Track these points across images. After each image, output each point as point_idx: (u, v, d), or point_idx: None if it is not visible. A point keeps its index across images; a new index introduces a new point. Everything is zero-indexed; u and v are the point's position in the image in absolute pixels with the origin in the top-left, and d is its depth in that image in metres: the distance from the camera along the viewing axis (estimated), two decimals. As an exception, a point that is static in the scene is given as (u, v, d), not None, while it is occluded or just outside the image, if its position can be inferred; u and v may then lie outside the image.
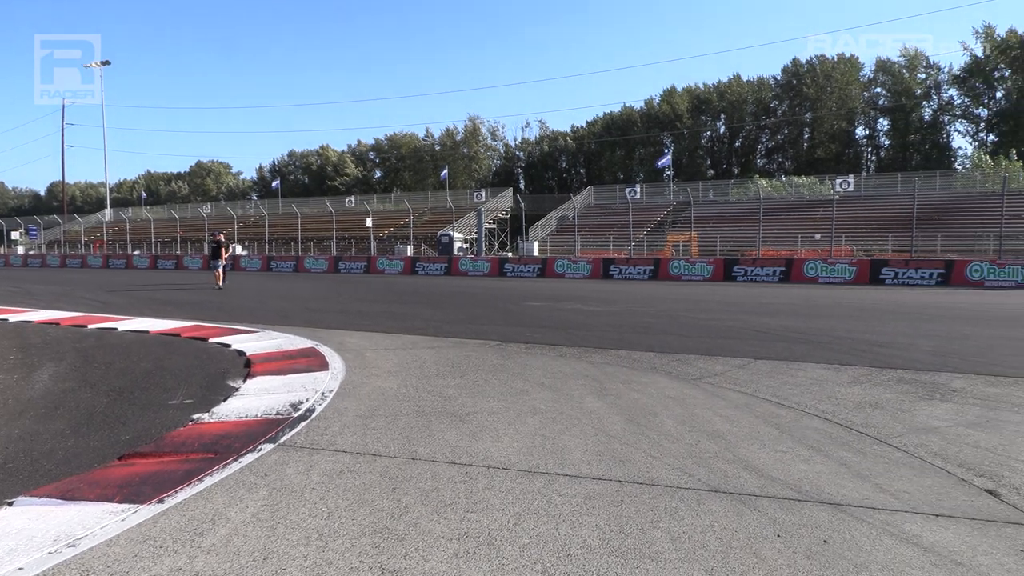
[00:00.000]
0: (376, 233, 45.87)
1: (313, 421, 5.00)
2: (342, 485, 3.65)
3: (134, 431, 4.97)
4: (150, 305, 15.61)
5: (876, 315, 13.00)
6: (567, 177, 76.26)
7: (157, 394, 6.21)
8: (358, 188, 77.40)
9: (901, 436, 4.52)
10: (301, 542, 2.93)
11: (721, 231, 36.84)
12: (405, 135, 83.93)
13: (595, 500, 3.41)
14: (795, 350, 8.35)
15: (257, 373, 6.93)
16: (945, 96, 62.17)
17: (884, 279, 25.02)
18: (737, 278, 27.63)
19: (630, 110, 73.07)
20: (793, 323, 11.34)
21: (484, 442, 4.43)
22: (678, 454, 4.16)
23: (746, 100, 67.88)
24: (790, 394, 5.84)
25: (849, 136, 66.33)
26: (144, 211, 65.48)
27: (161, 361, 7.94)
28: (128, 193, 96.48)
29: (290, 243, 49.13)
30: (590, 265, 30.93)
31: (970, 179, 43.90)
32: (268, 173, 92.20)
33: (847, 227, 34.26)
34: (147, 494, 3.53)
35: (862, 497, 3.43)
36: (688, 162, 68.86)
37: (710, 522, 3.12)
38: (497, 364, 7.40)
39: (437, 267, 34.90)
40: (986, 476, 3.74)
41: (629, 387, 6.18)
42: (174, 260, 45.32)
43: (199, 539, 2.98)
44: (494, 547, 2.87)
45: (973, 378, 6.51)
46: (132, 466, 4.11)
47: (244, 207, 68.67)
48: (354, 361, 7.53)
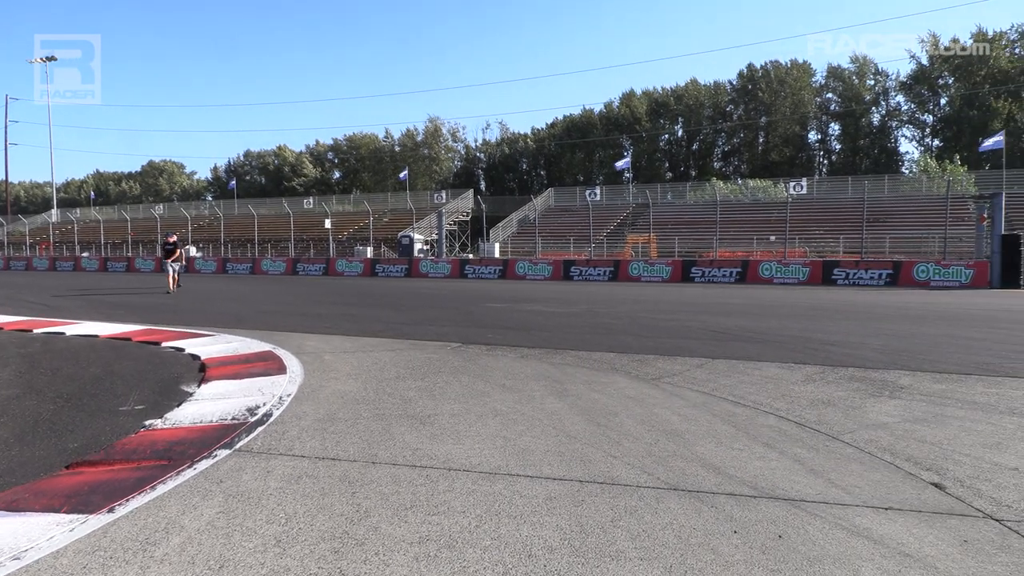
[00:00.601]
0: (335, 234, 45.33)
1: (271, 426, 4.91)
2: (300, 490, 3.60)
3: (83, 439, 4.81)
4: (100, 308, 15.15)
5: (828, 315, 13.34)
6: (528, 179, 76.56)
7: (107, 400, 6.03)
8: (316, 189, 76.49)
9: (852, 432, 4.65)
10: (258, 549, 2.87)
11: (679, 233, 37.39)
12: (365, 135, 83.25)
13: (556, 500, 3.42)
14: (751, 349, 8.52)
15: (212, 377, 6.78)
16: (893, 102, 64.31)
17: (836, 279, 25.73)
18: (695, 279, 28.09)
19: (590, 113, 73.79)
20: (749, 323, 11.57)
21: (445, 444, 4.41)
22: (638, 453, 4.20)
23: (703, 104, 69.15)
24: (746, 393, 5.95)
25: (802, 140, 68.11)
26: (93, 211, 63.52)
27: (111, 366, 7.71)
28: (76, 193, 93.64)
29: (246, 245, 48.21)
30: (551, 266, 31.08)
31: (916, 183, 45.45)
32: (224, 173, 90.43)
33: (800, 229, 35.12)
34: (97, 503, 3.43)
35: (815, 492, 3.51)
36: (647, 164, 69.78)
37: (669, 520, 3.16)
38: (458, 366, 7.38)
39: (397, 269, 34.65)
40: (932, 470, 3.86)
41: (589, 387, 6.22)
42: (125, 262, 44.10)
43: (152, 548, 2.90)
44: (455, 550, 2.86)
45: (920, 375, 6.73)
46: (81, 475, 3.98)
47: (199, 208, 67.20)
48: (313, 364, 7.42)
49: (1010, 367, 7.19)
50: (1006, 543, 2.90)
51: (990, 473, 3.80)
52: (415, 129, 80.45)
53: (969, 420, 4.97)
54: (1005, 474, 3.79)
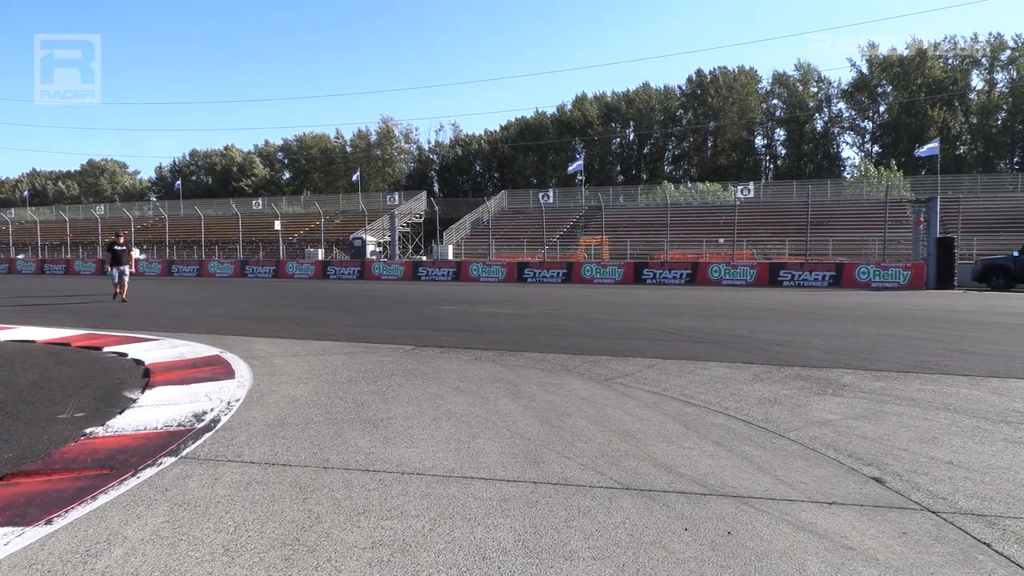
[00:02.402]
0: (285, 236, 44.54)
1: (218, 432, 4.79)
2: (250, 497, 3.52)
3: (18, 448, 4.61)
4: (36, 312, 14.55)
5: (775, 315, 13.71)
6: (481, 181, 76.58)
7: (44, 408, 5.79)
8: (266, 190, 75.03)
9: (797, 430, 4.78)
10: (205, 559, 2.80)
11: (631, 235, 37.91)
12: (315, 136, 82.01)
13: (510, 502, 3.43)
14: (700, 350, 8.69)
15: (157, 383, 6.58)
16: (835, 109, 66.47)
17: (782, 281, 26.46)
18: (646, 281, 28.52)
19: (542, 116, 74.25)
20: (699, 324, 11.80)
21: (398, 448, 4.37)
22: (591, 454, 4.24)
23: (654, 108, 70.27)
24: (696, 392, 6.06)
25: (749, 145, 69.89)
26: (29, 212, 61.06)
27: (49, 372, 7.41)
28: (11, 193, 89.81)
29: (193, 246, 46.97)
30: (504, 269, 31.14)
31: (857, 187, 47.10)
32: (168, 173, 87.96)
33: (748, 232, 35.99)
34: (33, 515, 3.29)
35: (763, 489, 3.60)
36: (599, 167, 70.56)
37: (622, 519, 3.20)
38: (411, 369, 7.33)
39: (349, 271, 34.22)
40: (873, 465, 4.00)
41: (543, 389, 6.25)
42: (64, 264, 42.52)
43: (93, 560, 2.79)
44: (409, 554, 2.84)
45: (861, 373, 6.97)
46: (16, 486, 3.81)
47: (142, 208, 65.30)
48: (262, 368, 7.27)
49: (945, 365, 7.50)
50: (942, 534, 3.02)
51: (927, 467, 3.96)
52: (367, 130, 79.83)
53: (907, 416, 5.16)
54: (940, 468, 3.95)
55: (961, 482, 3.70)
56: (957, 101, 58.21)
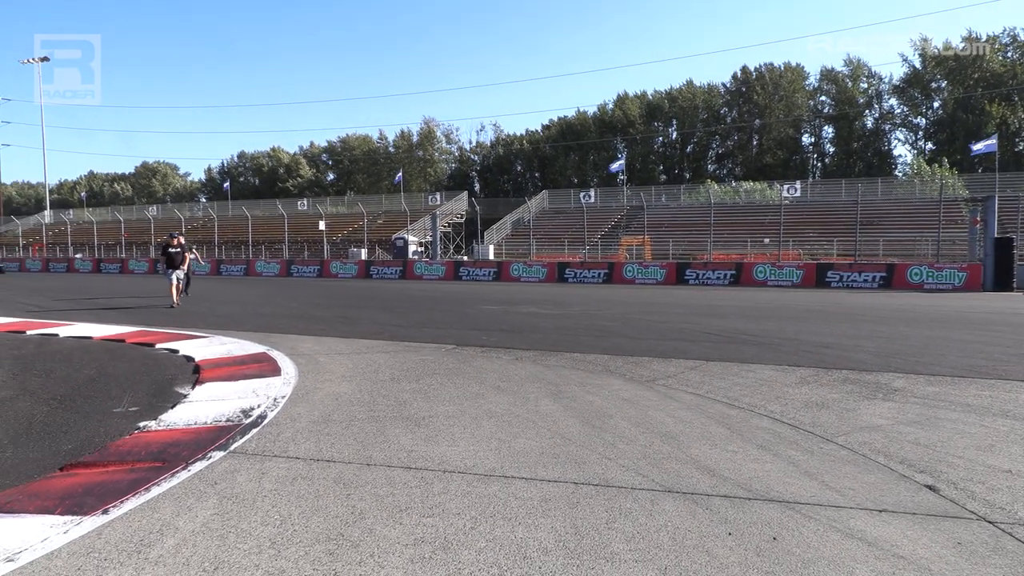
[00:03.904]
0: (329, 236, 45.26)
1: (265, 427, 4.90)
2: (295, 492, 3.59)
3: (76, 440, 4.80)
4: (94, 310, 15.08)
5: (822, 317, 13.40)
6: (522, 181, 76.61)
7: (101, 402, 6.01)
8: (311, 191, 76.39)
9: (846, 435, 4.67)
10: (253, 551, 2.87)
11: (673, 235, 37.43)
12: (359, 137, 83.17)
13: (551, 503, 3.43)
14: (745, 352, 8.54)
15: (207, 379, 6.77)
16: (886, 105, 64.61)
17: (830, 282, 25.82)
18: (689, 281, 28.14)
19: (584, 115, 73.91)
20: (743, 325, 11.60)
21: (440, 446, 4.41)
22: (632, 455, 4.21)
23: (697, 106, 69.35)
24: (741, 395, 5.97)
25: (796, 143, 68.34)
26: (86, 213, 63.34)
27: (105, 368, 7.68)
28: (69, 194, 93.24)
29: (240, 246, 48.05)
30: (545, 269, 31.08)
31: (910, 186, 45.66)
32: (217, 175, 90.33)
33: (794, 232, 35.23)
34: (91, 505, 3.41)
35: (810, 495, 3.53)
36: (641, 167, 69.90)
37: (664, 522, 3.17)
38: (452, 368, 7.38)
39: (392, 271, 34.60)
40: (926, 472, 3.88)
41: (584, 389, 6.23)
42: (119, 264, 43.97)
43: (146, 550, 2.89)
44: (450, 551, 2.86)
45: (913, 378, 6.76)
46: (74, 477, 3.96)
47: (192, 209, 67.04)
48: (307, 366, 7.41)
49: (1004, 370, 7.23)
50: (999, 545, 2.91)
51: (983, 475, 3.82)
52: (409, 131, 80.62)
53: (963, 423, 4.99)
54: (998, 476, 3.81)
55: (1020, 492, 3.57)
56: (1017, 96, 55.98)
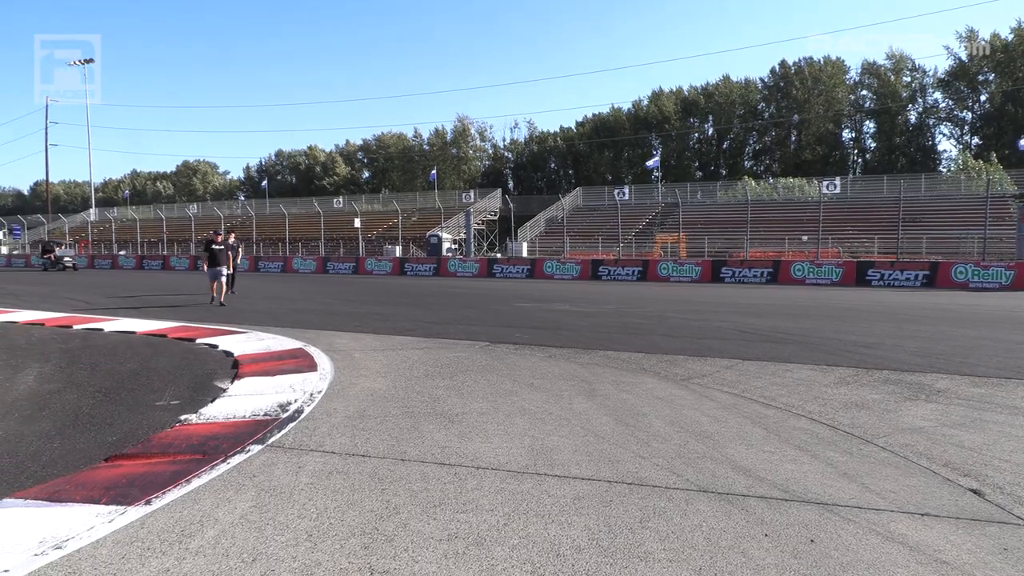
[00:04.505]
0: (364, 234, 45.75)
1: (302, 422, 4.98)
2: (331, 486, 3.64)
3: (121, 432, 4.93)
4: (136, 305, 15.48)
5: (862, 316, 13.11)
6: (556, 178, 76.42)
7: (144, 395, 6.17)
8: (346, 188, 77.23)
9: (887, 436, 4.57)
10: (290, 543, 2.92)
11: (709, 232, 36.99)
12: (394, 135, 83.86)
13: (584, 500, 3.42)
14: (782, 351, 8.41)
15: (245, 374, 6.90)
16: (930, 99, 62.85)
17: (870, 280, 25.24)
18: (725, 279, 27.78)
19: (618, 112, 73.41)
20: (780, 324, 11.41)
21: (473, 443, 4.43)
22: (667, 454, 4.18)
23: (734, 102, 68.31)
24: (777, 395, 5.88)
25: (836, 138, 66.89)
26: (130, 211, 64.94)
27: (148, 362, 7.89)
28: (113, 192, 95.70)
29: (278, 243, 48.85)
30: (579, 266, 30.98)
31: (955, 182, 44.35)
32: (256, 173, 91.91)
33: (834, 229, 34.54)
34: (134, 495, 3.51)
35: (848, 497, 3.46)
36: (676, 163, 69.16)
37: (698, 522, 3.14)
38: (486, 365, 7.40)
39: (426, 268, 34.84)
40: (970, 476, 3.78)
41: (618, 388, 6.20)
42: (160, 260, 45.03)
43: (187, 540, 2.96)
44: (484, 547, 2.87)
45: (957, 379, 6.58)
46: (119, 467, 4.08)
47: (231, 207, 68.28)
48: (343, 362, 7.50)
49: (1052, 371, 6.99)
50: (1047, 552, 2.82)
51: (1031, 480, 3.71)
52: (444, 129, 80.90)
53: (1009, 425, 4.85)
54: (1047, 481, 3.69)
55: (1071, 497, 3.45)
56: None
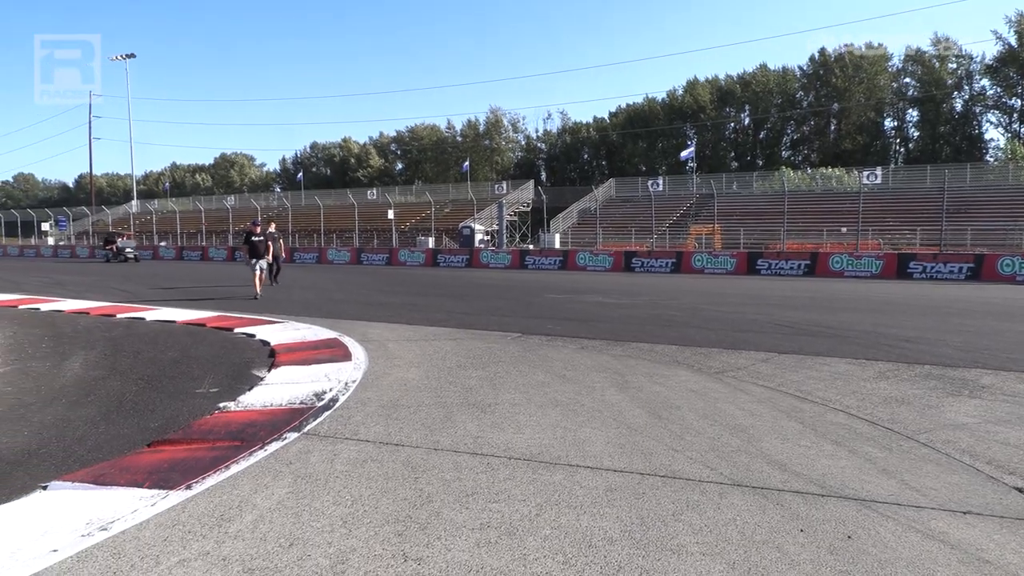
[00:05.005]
0: (398, 225, 46.05)
1: (337, 411, 5.05)
2: (365, 474, 3.69)
3: (162, 418, 5.07)
4: (176, 295, 15.85)
5: (903, 310, 12.81)
6: (589, 169, 75.98)
7: (184, 382, 6.32)
8: (380, 180, 77.76)
9: (928, 432, 4.46)
10: (326, 529, 2.97)
11: (745, 224, 36.42)
12: (427, 127, 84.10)
13: (616, 492, 3.41)
14: (819, 344, 8.26)
15: (281, 363, 7.02)
16: (977, 86, 60.84)
17: (912, 273, 24.61)
18: (761, 271, 27.35)
19: (652, 102, 72.56)
20: (818, 317, 11.21)
21: (506, 433, 4.45)
22: (700, 448, 4.15)
23: (771, 91, 67.00)
24: (814, 389, 5.79)
25: (877, 127, 65.22)
26: (170, 203, 66.32)
27: (188, 350, 8.07)
28: (154, 185, 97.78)
29: (313, 235, 49.47)
30: (611, 258, 30.79)
31: (1002, 171, 42.92)
32: (291, 165, 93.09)
33: (874, 220, 33.73)
34: (176, 480, 3.60)
35: (888, 493, 3.40)
36: (711, 154, 68.24)
37: (732, 516, 3.11)
38: (518, 356, 7.42)
39: (458, 259, 34.96)
40: (1016, 474, 3.68)
41: (651, 380, 6.16)
42: (199, 251, 45.94)
43: (226, 524, 3.03)
44: (516, 537, 2.88)
45: (1003, 375, 6.40)
46: (161, 453, 4.19)
47: (267, 199, 69.30)
48: (377, 352, 7.59)
49: (1104, 367, 6.76)
50: (1097, 553, 2.74)
51: (1080, 479, 3.59)
52: (477, 120, 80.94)
53: (1057, 422, 4.70)
54: (1097, 480, 3.57)
55: (1122, 498, 3.34)
56: None
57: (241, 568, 2.63)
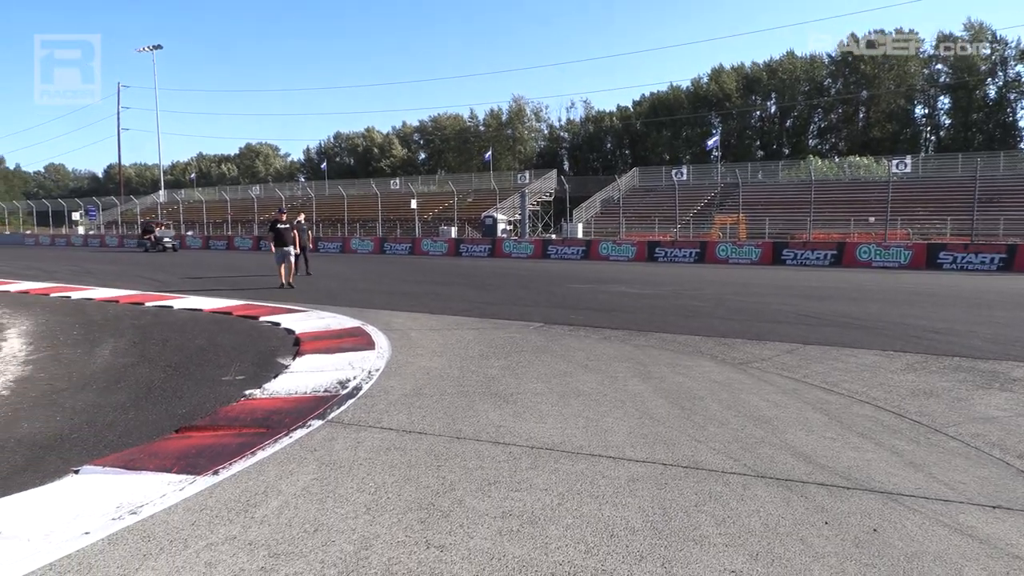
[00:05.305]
0: (421, 215, 46.19)
1: (360, 399, 5.10)
2: (389, 461, 3.73)
3: (190, 405, 5.15)
4: (203, 284, 16.07)
5: (932, 301, 12.59)
6: (612, 159, 75.46)
7: (211, 370, 6.42)
8: (403, 170, 77.95)
9: (957, 425, 4.39)
10: (350, 515, 3.00)
11: (770, 213, 35.96)
12: (450, 116, 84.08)
13: (639, 482, 3.41)
14: (846, 335, 8.15)
15: (306, 351, 7.10)
16: (1012, 72, 59.31)
17: (942, 264, 24.16)
18: (786, 261, 27.02)
19: (677, 90, 71.77)
20: (844, 308, 11.06)
21: (528, 423, 4.46)
22: (724, 439, 4.12)
23: (799, 78, 65.92)
24: (840, 380, 5.72)
25: (907, 115, 63.89)
26: (196, 192, 67.16)
27: (214, 338, 8.19)
28: (181, 175, 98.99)
29: (336, 224, 49.79)
30: (635, 247, 30.61)
31: (1037, 160, 41.86)
32: (315, 155, 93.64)
33: (903, 210, 33.11)
34: (203, 466, 3.67)
35: (915, 486, 3.35)
36: (737, 143, 67.41)
37: (756, 507, 3.09)
38: (540, 346, 7.42)
39: (481, 249, 34.99)
40: (1047, 468, 3.61)
41: (674, 370, 6.13)
42: (225, 240, 46.49)
43: (252, 510, 3.08)
44: (537, 526, 2.89)
45: (1035, 367, 6.27)
46: (188, 439, 4.26)
47: (292, 188, 69.84)
48: (399, 341, 7.63)
49: None
50: None
51: (1115, 474, 3.51)
52: (499, 109, 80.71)
53: (1092, 417, 4.59)
54: None
55: None
56: None
57: (267, 552, 2.67)
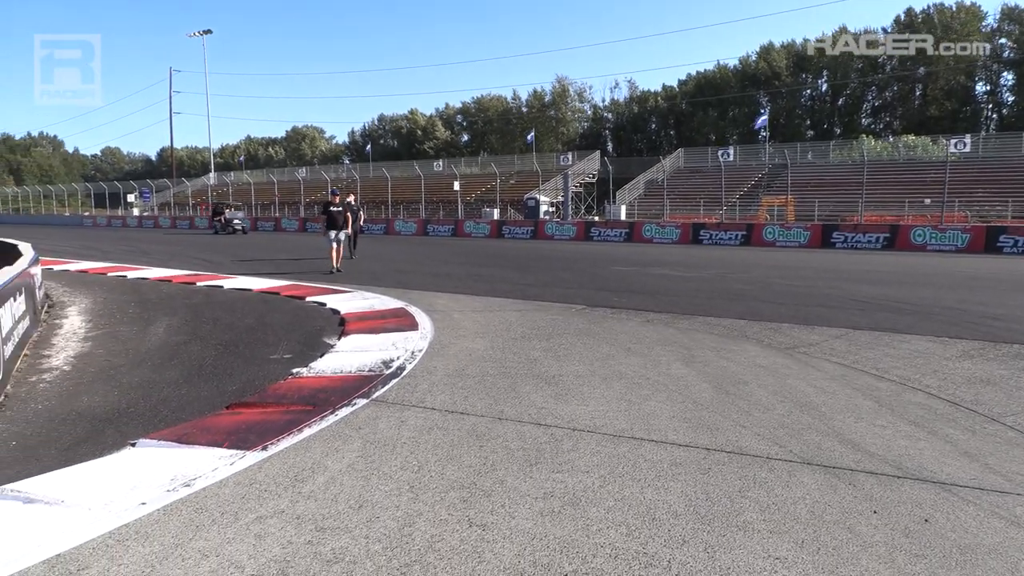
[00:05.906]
0: (463, 196, 46.30)
1: (404, 378, 5.17)
2: (431, 441, 3.78)
3: (239, 382, 5.30)
4: (252, 265, 16.44)
5: (991, 285, 12.13)
6: (656, 139, 74.30)
7: (260, 348, 6.58)
8: (446, 152, 78.16)
9: (1016, 415, 4.24)
10: (393, 493, 3.06)
11: (820, 195, 35.02)
12: (493, 98, 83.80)
13: (681, 467, 3.38)
14: (898, 321, 7.92)
15: (351, 331, 7.22)
16: (1082, 46, 56.24)
17: (1002, 247, 23.20)
18: (836, 245, 26.32)
19: (724, 69, 70.11)
20: (897, 292, 10.74)
21: (570, 404, 4.46)
22: (769, 424, 4.06)
23: (852, 55, 63.72)
24: (891, 367, 5.56)
25: (967, 92, 61.25)
26: (245, 175, 68.53)
27: (263, 317, 8.39)
28: (230, 157, 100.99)
29: (380, 206, 50.30)
30: (679, 230, 30.20)
31: (1108, 138, 39.76)
32: (359, 138, 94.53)
33: (961, 191, 31.88)
34: (252, 441, 3.77)
35: (969, 477, 3.25)
36: (786, 122, 65.62)
37: (801, 494, 3.04)
38: (583, 328, 7.39)
39: (523, 231, 34.96)
40: (1113, 461, 3.46)
41: (718, 354, 6.05)
42: (272, 222, 47.46)
43: (299, 485, 3.16)
44: (579, 507, 2.90)
45: (1101, 356, 6.00)
46: (239, 415, 4.39)
47: (337, 171, 70.66)
48: (442, 322, 7.70)
49: None
50: None
51: None
52: (542, 90, 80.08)
53: None
54: None
55: None
56: None
57: (314, 527, 2.74)
